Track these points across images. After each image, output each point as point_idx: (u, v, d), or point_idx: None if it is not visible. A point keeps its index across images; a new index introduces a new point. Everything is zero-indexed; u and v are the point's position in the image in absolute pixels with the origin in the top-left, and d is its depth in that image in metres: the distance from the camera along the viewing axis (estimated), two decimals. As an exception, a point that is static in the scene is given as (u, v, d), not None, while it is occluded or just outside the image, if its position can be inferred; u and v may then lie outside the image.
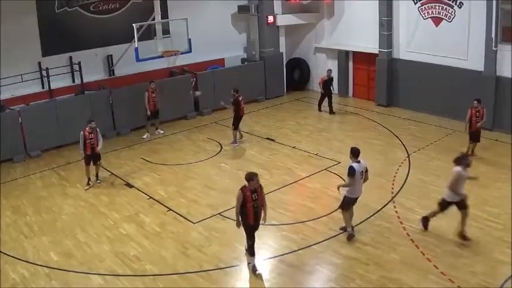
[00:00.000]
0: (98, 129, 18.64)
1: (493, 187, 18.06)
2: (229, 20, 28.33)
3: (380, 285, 12.68)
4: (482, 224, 15.50)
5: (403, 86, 27.09)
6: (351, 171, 13.98)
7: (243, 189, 12.74)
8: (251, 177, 12.66)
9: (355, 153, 14.15)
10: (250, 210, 12.80)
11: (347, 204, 14.59)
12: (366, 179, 14.49)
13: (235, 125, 22.34)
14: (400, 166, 19.85)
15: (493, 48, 22.89)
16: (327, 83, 26.61)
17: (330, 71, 26.95)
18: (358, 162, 14.15)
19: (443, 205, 14.60)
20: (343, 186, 14.60)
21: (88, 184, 18.87)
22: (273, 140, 22.80)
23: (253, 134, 23.53)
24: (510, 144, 21.50)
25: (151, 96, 22.96)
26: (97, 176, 19.20)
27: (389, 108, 27.33)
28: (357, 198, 14.55)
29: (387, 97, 27.58)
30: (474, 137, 20.43)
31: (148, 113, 23.21)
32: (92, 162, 18.79)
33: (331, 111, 26.76)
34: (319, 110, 27.18)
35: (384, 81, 27.47)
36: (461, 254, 13.98)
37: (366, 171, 14.42)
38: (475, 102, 20.14)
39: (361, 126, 24.64)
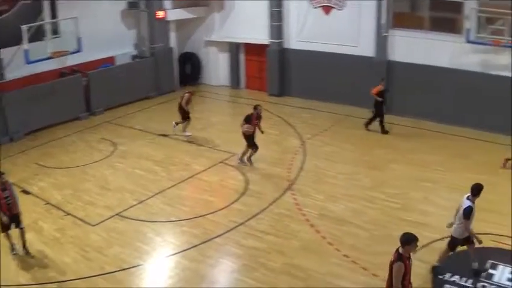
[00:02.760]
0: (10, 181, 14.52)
1: (389, 169, 18.69)
2: (119, 17, 27.86)
3: (284, 272, 12.85)
4: (381, 205, 16.06)
5: (295, 76, 27.51)
6: None
7: None
8: None
9: None
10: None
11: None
12: None
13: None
14: (295, 154, 20.17)
15: (384, 34, 23.62)
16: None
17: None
18: None
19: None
20: None
21: (13, 250, 14.11)
22: (167, 136, 22.61)
23: (147, 131, 23.23)
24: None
25: None
26: (24, 245, 14.11)
27: (282, 97, 27.70)
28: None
29: (279, 87, 27.92)
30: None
31: None
32: (13, 226, 13.95)
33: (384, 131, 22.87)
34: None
35: (275, 71, 27.78)
36: (362, 235, 14.40)
37: None
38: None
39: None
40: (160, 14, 28.08)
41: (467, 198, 12.25)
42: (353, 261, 13.12)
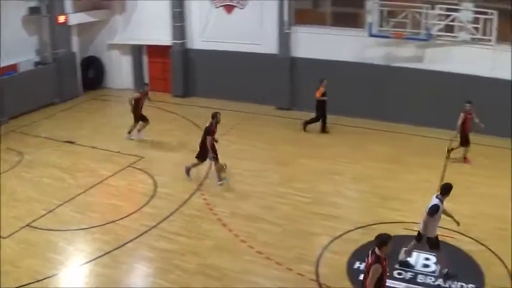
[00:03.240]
0: None
1: (297, 164, 19.21)
2: (19, 23, 27.15)
3: (199, 273, 13.01)
4: (292, 200, 16.54)
5: (200, 76, 27.68)
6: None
7: None
8: None
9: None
10: None
11: None
12: None
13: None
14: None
15: (286, 31, 24.07)
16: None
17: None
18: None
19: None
20: None
21: None
22: (73, 143, 22.23)
23: (52, 138, 22.75)
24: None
25: None
26: None
27: (187, 98, 27.83)
28: None
29: (184, 88, 28.03)
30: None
31: None
32: None
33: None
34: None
35: (179, 72, 27.88)
36: (274, 231, 14.77)
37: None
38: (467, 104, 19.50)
39: (161, 119, 24.64)
40: (61, 18, 27.51)
41: (436, 196, 12.67)
42: (267, 257, 13.44)
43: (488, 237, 14.58)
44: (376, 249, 9.90)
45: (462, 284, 12.58)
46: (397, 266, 13.15)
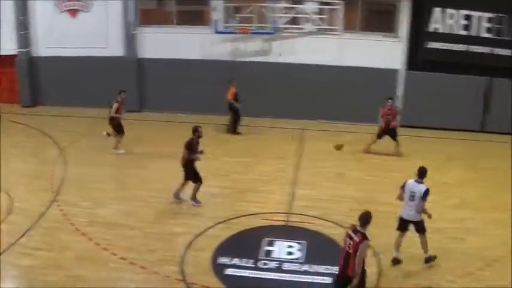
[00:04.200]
0: None
1: (154, 165, 19.04)
2: None
3: (65, 286, 12.52)
4: (150, 202, 16.28)
5: (47, 84, 26.52)
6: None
7: None
8: None
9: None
10: None
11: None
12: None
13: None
14: (55, 164, 19.57)
15: (132, 32, 23.69)
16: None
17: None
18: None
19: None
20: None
21: None
22: None
23: None
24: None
25: None
26: None
27: (35, 108, 26.66)
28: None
29: (32, 97, 26.81)
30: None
31: None
32: None
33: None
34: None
35: (26, 81, 26.60)
36: (136, 235, 14.45)
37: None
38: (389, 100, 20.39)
39: (9, 130, 23.26)
40: None
41: (417, 181, 12.96)
42: (131, 263, 13.13)
43: (346, 219, 14.98)
44: (361, 228, 10.56)
45: (329, 267, 12.86)
46: (262, 257, 13.28)
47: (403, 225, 13.30)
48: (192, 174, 15.99)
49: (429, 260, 13.44)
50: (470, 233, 15.09)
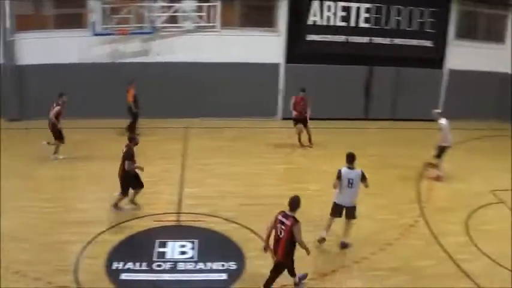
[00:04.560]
0: None
1: (38, 175, 18.42)
2: None
3: None
4: (39, 212, 15.61)
5: None
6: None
7: None
8: None
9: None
10: None
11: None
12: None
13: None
14: None
15: (9, 39, 22.81)
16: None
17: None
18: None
19: None
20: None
21: None
22: None
23: None
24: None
25: None
26: None
27: None
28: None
29: None
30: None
31: None
32: None
33: None
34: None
35: None
36: (27, 247, 13.79)
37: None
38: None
39: None
40: None
41: (350, 168, 13.81)
42: (24, 275, 12.50)
43: (236, 214, 15.34)
44: (291, 212, 11.35)
45: (223, 263, 13.03)
46: (156, 259, 13.20)
47: (337, 211, 13.95)
48: (131, 183, 15.51)
49: (345, 246, 14.08)
50: (362, 218, 15.58)
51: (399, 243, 14.75)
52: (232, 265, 13.01)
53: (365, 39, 24.48)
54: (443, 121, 18.85)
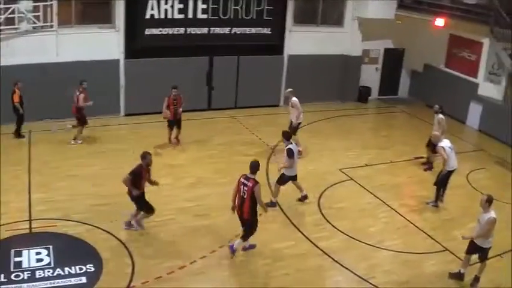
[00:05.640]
0: None
1: None
2: None
3: None
4: None
5: None
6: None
7: None
8: None
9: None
10: None
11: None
12: None
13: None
14: None
15: None
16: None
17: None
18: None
19: None
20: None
21: None
22: None
23: None
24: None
25: None
26: None
27: None
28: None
29: None
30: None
31: None
32: None
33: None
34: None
35: None
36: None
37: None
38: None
39: None
40: None
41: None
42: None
43: (88, 216, 15.36)
44: (251, 175, 13.44)
45: (81, 266, 13.03)
46: (13, 270, 12.88)
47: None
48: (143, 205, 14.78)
49: (271, 205, 16.44)
50: (212, 208, 16.05)
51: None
52: (90, 267, 13.03)
53: (204, 30, 24.87)
54: (295, 99, 19.85)
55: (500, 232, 14.26)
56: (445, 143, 17.58)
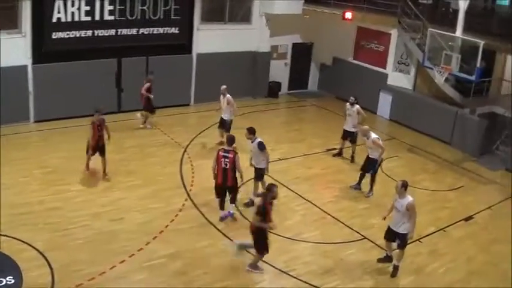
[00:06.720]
0: None
1: None
2: None
3: None
4: None
5: None
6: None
7: None
8: None
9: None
10: None
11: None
12: None
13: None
14: None
15: None
16: None
17: None
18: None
19: None
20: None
21: None
22: None
23: None
24: None
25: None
26: None
27: None
28: None
29: None
30: None
31: None
32: None
33: None
34: None
35: None
36: None
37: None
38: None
39: None
40: None
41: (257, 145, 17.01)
42: None
43: (4, 226, 14.91)
44: (229, 147, 15.69)
45: (1, 279, 12.80)
46: None
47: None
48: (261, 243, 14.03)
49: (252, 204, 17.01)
50: (127, 212, 16.21)
51: (171, 230, 15.69)
52: (10, 279, 12.83)
53: (112, 32, 24.83)
54: (229, 96, 21.55)
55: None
56: (374, 134, 18.70)
